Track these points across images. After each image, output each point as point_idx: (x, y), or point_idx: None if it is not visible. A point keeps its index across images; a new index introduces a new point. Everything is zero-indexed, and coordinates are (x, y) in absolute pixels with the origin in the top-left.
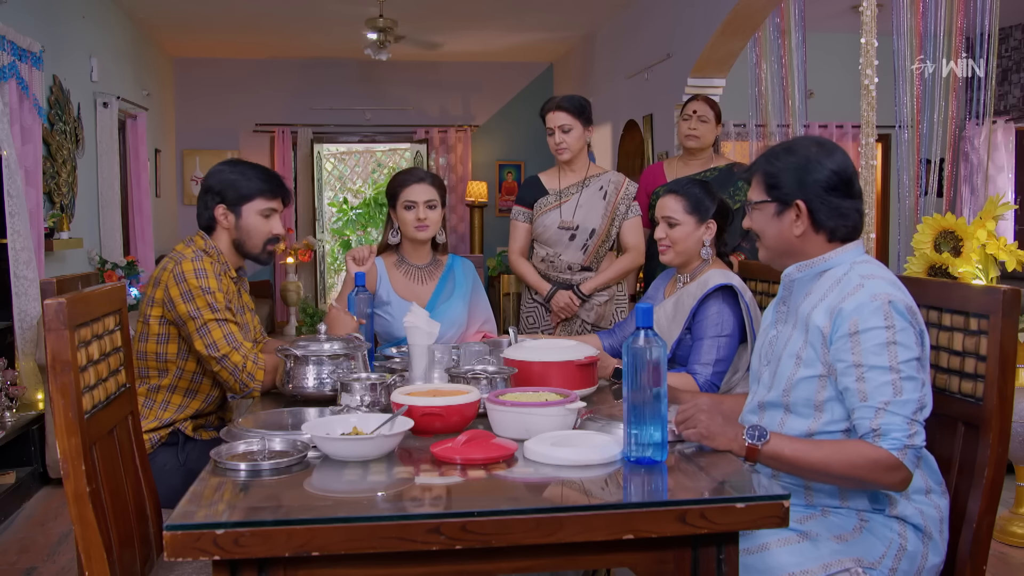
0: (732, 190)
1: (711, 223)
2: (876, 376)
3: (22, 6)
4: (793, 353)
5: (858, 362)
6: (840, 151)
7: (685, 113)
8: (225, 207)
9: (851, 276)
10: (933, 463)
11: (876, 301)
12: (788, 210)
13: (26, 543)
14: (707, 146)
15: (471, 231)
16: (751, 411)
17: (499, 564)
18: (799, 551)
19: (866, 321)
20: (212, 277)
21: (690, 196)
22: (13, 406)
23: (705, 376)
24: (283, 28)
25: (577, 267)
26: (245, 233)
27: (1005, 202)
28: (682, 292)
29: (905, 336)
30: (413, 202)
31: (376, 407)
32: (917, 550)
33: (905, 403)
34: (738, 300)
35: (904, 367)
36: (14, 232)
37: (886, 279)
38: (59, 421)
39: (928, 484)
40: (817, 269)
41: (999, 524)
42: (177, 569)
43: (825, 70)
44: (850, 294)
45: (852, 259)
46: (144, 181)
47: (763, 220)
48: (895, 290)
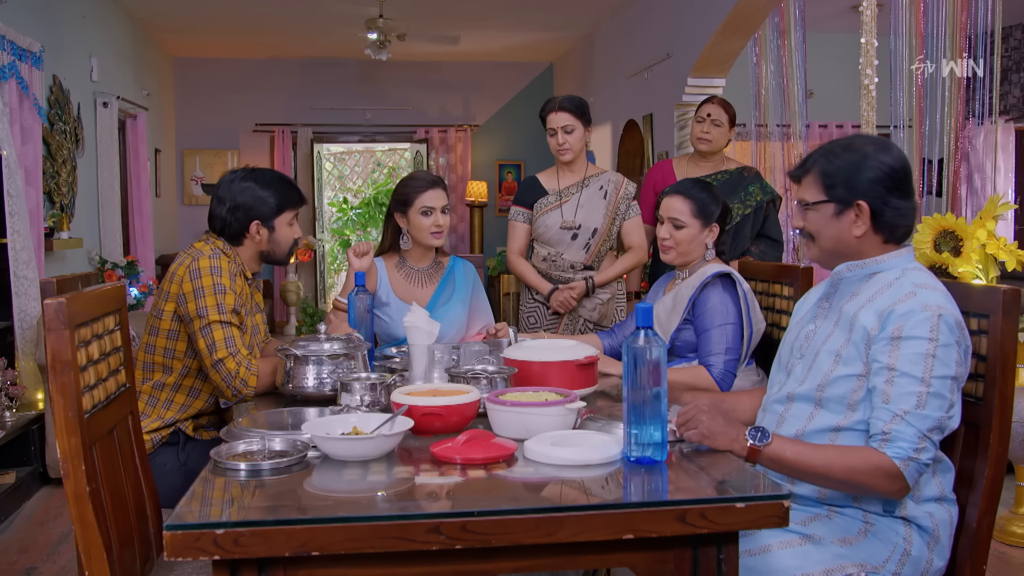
0: (743, 195)
1: (714, 227)
2: (905, 384)
3: (22, 6)
4: (833, 350)
5: (892, 365)
6: (897, 148)
7: (699, 115)
8: (259, 223)
9: (903, 282)
10: (952, 475)
11: (927, 312)
12: (848, 210)
13: (26, 543)
14: (719, 150)
15: (471, 231)
16: (777, 400)
17: (499, 564)
18: (801, 554)
19: (912, 329)
20: (227, 276)
21: (697, 200)
22: (13, 406)
23: (719, 367)
24: (283, 28)
25: (580, 266)
26: (277, 244)
27: (1005, 202)
28: (680, 286)
29: (946, 353)
30: (431, 208)
31: (376, 407)
32: (922, 555)
33: (924, 418)
34: (736, 288)
35: (936, 383)
36: (14, 232)
37: (939, 290)
38: (59, 421)
39: (943, 492)
40: (868, 271)
41: (999, 524)
42: (177, 569)
43: (825, 70)
44: (901, 300)
45: (904, 265)
46: (144, 181)
47: (820, 221)
48: (947, 303)
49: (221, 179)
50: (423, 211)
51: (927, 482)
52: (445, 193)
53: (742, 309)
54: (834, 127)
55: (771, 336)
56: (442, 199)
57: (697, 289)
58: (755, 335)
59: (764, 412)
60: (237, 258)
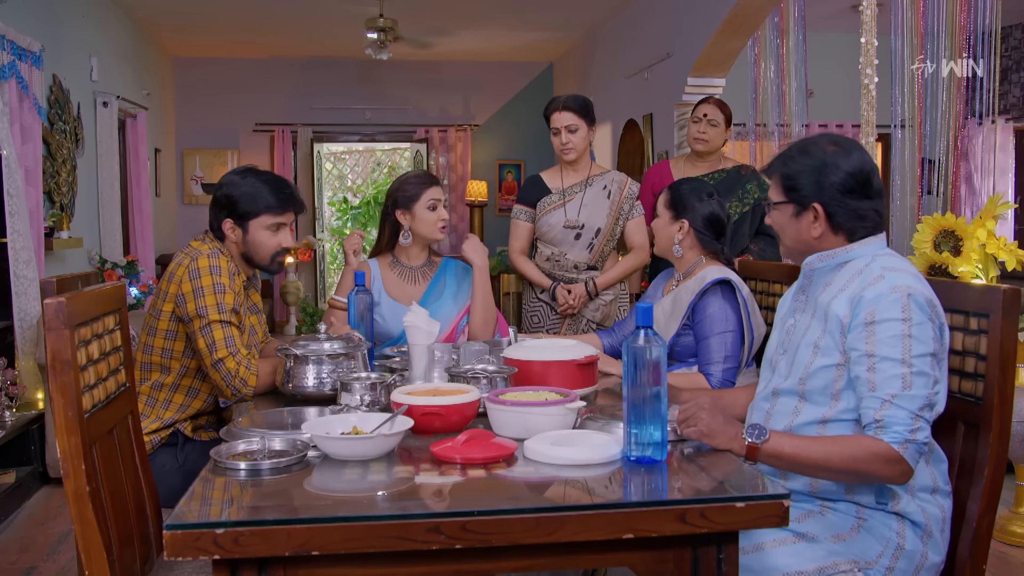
0: (741, 193)
1: (683, 223)
2: (887, 368)
3: (22, 6)
4: (811, 342)
5: (871, 352)
6: (858, 150)
7: (695, 115)
8: (232, 221)
9: (872, 267)
10: (945, 465)
11: (896, 293)
12: (805, 212)
13: (26, 542)
14: (715, 150)
15: (471, 231)
16: (763, 398)
17: (499, 563)
18: (795, 551)
19: (883, 312)
20: (226, 275)
21: (675, 191)
22: (13, 405)
23: (718, 376)
24: (283, 28)
25: (583, 266)
26: (252, 247)
27: (1005, 202)
28: (679, 289)
29: (921, 330)
30: (437, 200)
31: (376, 406)
32: (916, 549)
33: (912, 398)
34: (736, 294)
35: (917, 361)
36: (14, 231)
37: (908, 272)
38: (59, 420)
39: (936, 483)
40: (838, 260)
41: (999, 524)
42: (177, 568)
43: (825, 70)
44: (870, 284)
45: (874, 252)
46: (144, 181)
47: (782, 220)
48: (916, 283)
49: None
50: (430, 205)
51: (920, 471)
52: (443, 190)
53: (742, 316)
54: (834, 127)
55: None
56: (443, 193)
57: (696, 295)
58: (756, 341)
59: (752, 410)
60: (233, 259)
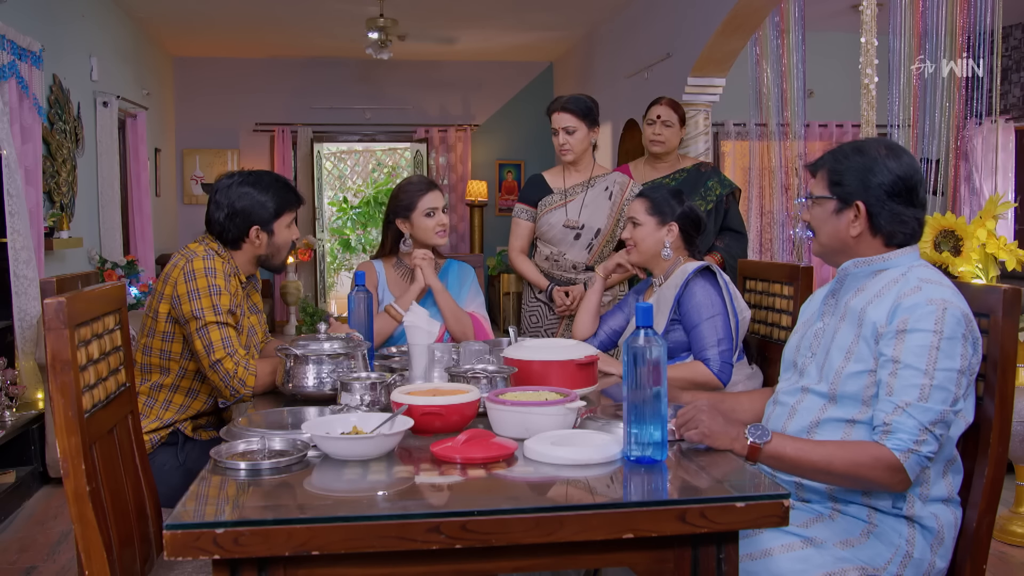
0: (703, 190)
1: (672, 225)
2: (908, 375)
3: (22, 5)
4: (843, 347)
5: (896, 358)
6: (909, 157)
7: (649, 118)
8: (259, 228)
9: (909, 277)
10: (960, 477)
11: (932, 305)
12: (847, 210)
13: (26, 542)
14: (672, 150)
15: (471, 230)
16: (788, 393)
17: (499, 563)
18: (803, 558)
19: (916, 322)
20: (221, 276)
21: (653, 198)
22: (13, 405)
23: (716, 360)
24: (283, 28)
25: (582, 266)
26: (277, 248)
27: (1005, 201)
28: (661, 290)
29: (951, 345)
30: (434, 208)
31: (376, 406)
32: (924, 556)
33: (926, 410)
34: (717, 279)
35: (940, 375)
36: (14, 231)
37: (945, 285)
38: (59, 420)
39: (951, 494)
40: (874, 267)
41: (999, 524)
42: (177, 568)
43: (825, 70)
44: (908, 294)
45: (910, 262)
46: (144, 180)
47: (821, 216)
48: (954, 297)
49: (217, 183)
50: (427, 212)
51: (937, 481)
52: (442, 193)
53: (725, 299)
54: (834, 126)
55: (771, 337)
56: (441, 199)
57: (681, 287)
58: (741, 324)
59: (774, 405)
60: (232, 261)
